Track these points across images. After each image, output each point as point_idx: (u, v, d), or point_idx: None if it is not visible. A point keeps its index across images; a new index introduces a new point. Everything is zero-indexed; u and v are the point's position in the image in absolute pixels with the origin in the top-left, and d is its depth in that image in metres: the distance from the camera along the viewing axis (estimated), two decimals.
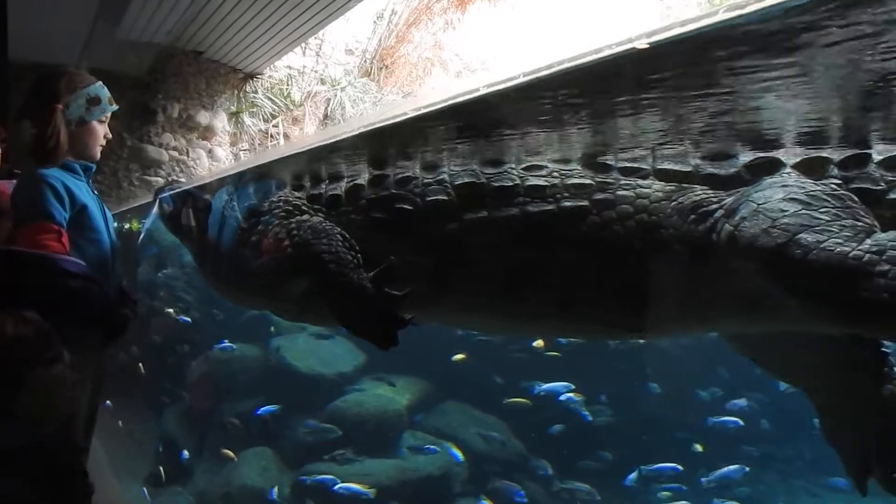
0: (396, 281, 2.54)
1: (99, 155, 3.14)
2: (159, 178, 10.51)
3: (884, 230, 1.94)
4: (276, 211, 2.95)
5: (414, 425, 8.83)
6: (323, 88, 11.40)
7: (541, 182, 2.42)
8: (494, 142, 2.52)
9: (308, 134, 10.80)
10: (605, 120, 2.21)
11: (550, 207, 2.36)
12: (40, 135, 2.87)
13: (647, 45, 1.66)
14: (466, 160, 2.63)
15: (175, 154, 10.67)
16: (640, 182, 2.31)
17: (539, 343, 8.30)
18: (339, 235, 2.60)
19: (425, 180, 2.63)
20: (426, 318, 2.75)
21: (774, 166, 2.22)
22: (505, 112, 2.21)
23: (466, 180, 2.58)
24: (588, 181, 2.36)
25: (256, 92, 11.10)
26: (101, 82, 3.16)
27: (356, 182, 2.87)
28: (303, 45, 11.08)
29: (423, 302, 2.64)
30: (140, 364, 9.20)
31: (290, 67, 11.38)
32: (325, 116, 11.08)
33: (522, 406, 8.62)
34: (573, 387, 8.33)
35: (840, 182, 2.11)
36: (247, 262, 3.05)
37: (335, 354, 9.33)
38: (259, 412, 8.55)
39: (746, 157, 2.28)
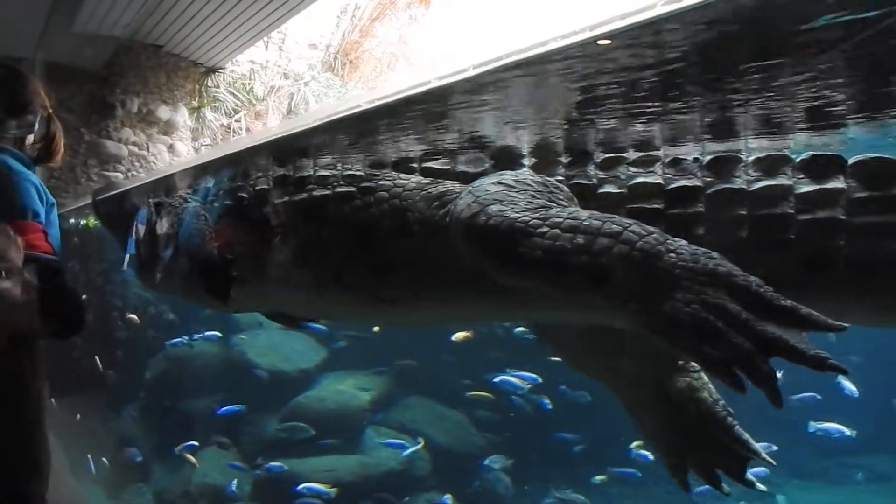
0: (234, 255, 3.18)
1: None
2: (118, 174, 10.35)
3: None
4: (176, 203, 3.53)
5: (376, 421, 8.86)
6: (286, 83, 11.34)
7: (325, 172, 2.88)
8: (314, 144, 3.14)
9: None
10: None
11: (327, 192, 2.82)
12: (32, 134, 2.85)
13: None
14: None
15: (135, 149, 10.51)
16: (402, 175, 2.73)
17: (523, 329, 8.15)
18: (202, 216, 3.27)
19: (258, 177, 3.23)
20: (259, 295, 3.31)
21: (513, 163, 2.61)
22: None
23: (281, 173, 3.10)
24: (359, 172, 2.80)
25: (218, 86, 10.99)
26: None
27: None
28: (265, 39, 10.99)
29: (251, 277, 3.15)
30: (97, 359, 9.06)
31: (252, 62, 11.28)
32: (289, 111, 11.01)
33: (485, 399, 8.68)
34: (539, 379, 8.32)
35: (562, 178, 2.47)
36: (160, 251, 3.55)
37: (296, 351, 9.31)
38: (222, 412, 8.47)
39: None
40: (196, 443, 8.32)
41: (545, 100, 2.39)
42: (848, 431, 8.17)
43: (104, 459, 8.38)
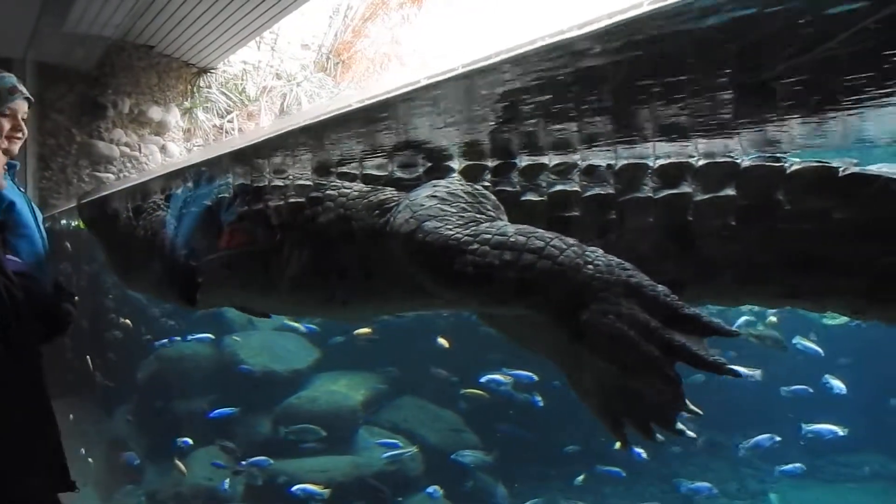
0: (201, 260, 3.35)
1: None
2: (110, 175, 10.32)
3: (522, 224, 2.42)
4: (151, 207, 3.66)
5: (369, 421, 8.86)
6: (279, 83, 11.31)
7: (279, 183, 3.05)
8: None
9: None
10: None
11: (281, 203, 2.98)
12: None
13: None
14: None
15: (126, 150, 10.47)
16: (346, 184, 2.89)
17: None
18: (172, 225, 3.44)
19: (220, 185, 3.40)
20: (225, 296, 3.55)
21: (445, 172, 2.76)
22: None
23: (240, 182, 3.27)
24: (308, 183, 2.97)
25: (210, 87, 10.95)
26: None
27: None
28: (258, 39, 10.96)
29: (217, 281, 3.32)
30: (88, 359, 9.03)
31: (244, 62, 11.25)
32: (282, 111, 10.99)
33: (478, 398, 8.68)
34: (535, 377, 8.32)
35: (489, 185, 2.64)
36: (136, 252, 3.69)
37: (289, 351, 9.30)
38: (215, 415, 8.45)
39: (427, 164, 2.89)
40: (189, 441, 8.32)
41: (475, 110, 2.53)
42: (840, 431, 8.21)
43: (90, 460, 8.35)
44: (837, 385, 8.49)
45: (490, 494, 8.58)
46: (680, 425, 2.89)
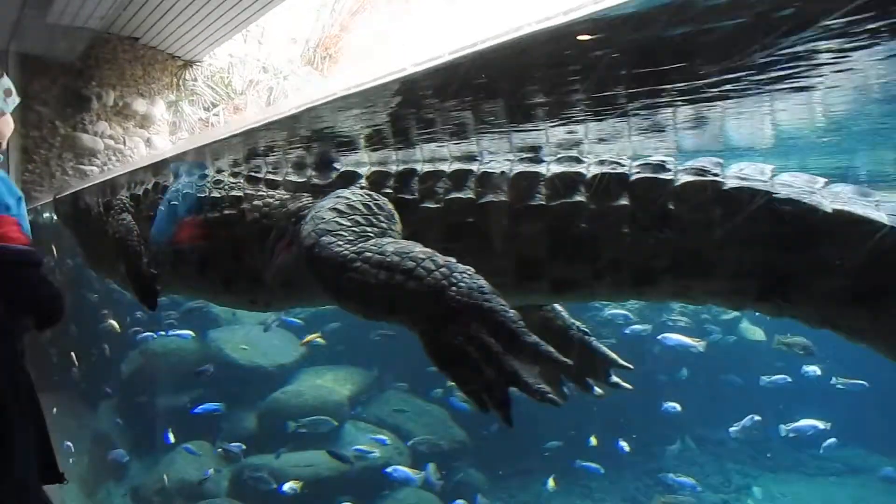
0: (160, 264, 3.62)
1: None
2: (94, 167, 10.22)
3: (421, 229, 2.68)
4: (117, 206, 3.91)
5: (355, 416, 8.85)
6: (265, 77, 11.24)
7: (216, 193, 3.23)
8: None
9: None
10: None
11: (217, 215, 3.18)
12: None
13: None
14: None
15: (111, 143, 10.36)
16: (270, 191, 3.07)
17: None
18: (135, 232, 3.72)
19: (171, 191, 3.61)
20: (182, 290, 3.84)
21: (353, 178, 2.92)
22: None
23: (186, 192, 3.44)
24: (240, 193, 3.15)
25: (196, 80, 10.86)
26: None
27: (146, 187, 3.92)
28: (244, 32, 10.87)
29: (169, 279, 3.61)
30: (73, 354, 8.96)
31: (231, 55, 11.15)
32: (268, 105, 10.90)
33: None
34: None
35: (390, 192, 2.82)
36: (104, 246, 3.95)
37: (274, 346, 9.26)
38: (199, 411, 8.40)
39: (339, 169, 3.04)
40: (172, 438, 8.28)
41: (379, 123, 2.74)
42: (821, 425, 8.30)
43: (71, 460, 8.28)
44: (812, 370, 8.60)
45: (476, 488, 8.61)
46: (614, 378, 3.20)
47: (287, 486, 7.42)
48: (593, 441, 8.49)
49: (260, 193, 3.08)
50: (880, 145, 3.14)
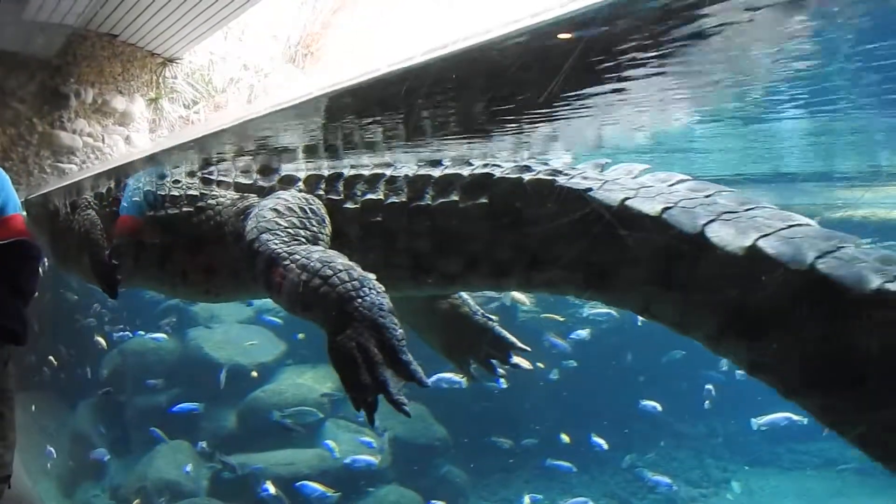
0: (122, 256, 3.79)
1: None
2: (73, 166, 10.11)
3: (345, 227, 3.01)
4: (83, 204, 4.10)
5: (335, 414, 8.84)
6: (246, 74, 11.16)
7: (174, 192, 3.46)
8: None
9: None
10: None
11: (176, 211, 3.41)
12: None
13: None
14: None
15: (90, 140, 10.25)
16: (223, 192, 3.32)
17: None
18: (99, 227, 3.92)
19: (133, 188, 3.85)
20: (138, 284, 4.01)
21: (292, 181, 3.20)
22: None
23: (149, 189, 3.64)
24: (196, 192, 3.38)
25: (176, 77, 10.77)
26: None
27: (109, 186, 4.13)
28: (225, 29, 10.79)
29: (131, 272, 3.81)
30: (51, 357, 8.89)
31: (212, 53, 11.06)
32: (249, 103, 10.84)
33: (444, 390, 8.70)
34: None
35: (322, 194, 3.10)
36: (72, 243, 4.16)
37: (254, 344, 9.23)
38: (178, 410, 8.36)
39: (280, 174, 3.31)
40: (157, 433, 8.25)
41: (311, 131, 2.98)
42: (795, 417, 8.37)
43: (51, 460, 8.23)
44: None
45: (458, 485, 8.64)
46: (514, 360, 3.60)
47: (267, 485, 7.41)
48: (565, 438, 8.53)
49: (214, 193, 3.35)
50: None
